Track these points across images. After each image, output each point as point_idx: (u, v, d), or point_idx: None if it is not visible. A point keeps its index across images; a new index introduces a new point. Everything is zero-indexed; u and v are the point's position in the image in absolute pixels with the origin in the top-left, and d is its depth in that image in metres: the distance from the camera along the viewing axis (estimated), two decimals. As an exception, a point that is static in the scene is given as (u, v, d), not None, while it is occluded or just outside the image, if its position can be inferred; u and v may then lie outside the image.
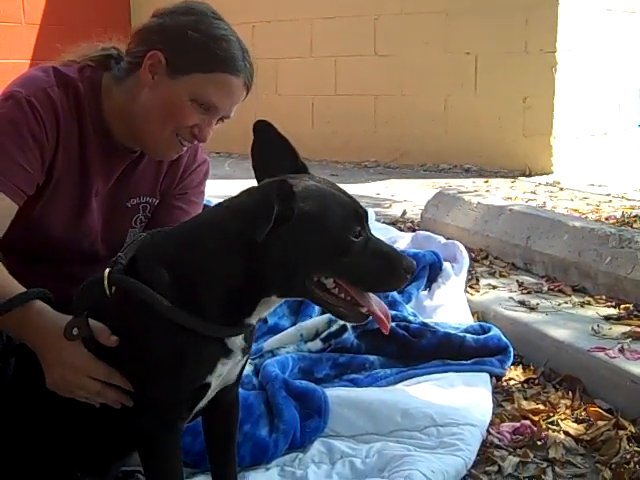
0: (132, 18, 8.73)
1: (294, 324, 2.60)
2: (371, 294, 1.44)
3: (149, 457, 1.47)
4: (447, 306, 2.90)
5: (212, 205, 1.56)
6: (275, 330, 2.56)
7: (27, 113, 1.66)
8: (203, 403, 1.52)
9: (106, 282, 1.42)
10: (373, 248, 1.39)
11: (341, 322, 2.49)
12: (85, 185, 1.80)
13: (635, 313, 2.73)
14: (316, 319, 2.56)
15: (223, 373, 1.47)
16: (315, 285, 1.39)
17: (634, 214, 4.41)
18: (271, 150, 1.51)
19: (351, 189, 1.55)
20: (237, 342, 1.46)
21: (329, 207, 1.37)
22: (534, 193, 5.44)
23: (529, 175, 6.27)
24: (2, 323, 1.47)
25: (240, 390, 1.69)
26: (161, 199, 1.95)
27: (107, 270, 1.43)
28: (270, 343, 2.45)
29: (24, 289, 1.49)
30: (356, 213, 1.39)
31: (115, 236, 1.89)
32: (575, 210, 4.69)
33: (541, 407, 2.24)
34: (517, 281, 3.24)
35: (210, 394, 1.50)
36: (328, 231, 1.36)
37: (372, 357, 2.43)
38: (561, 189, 5.62)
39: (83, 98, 1.76)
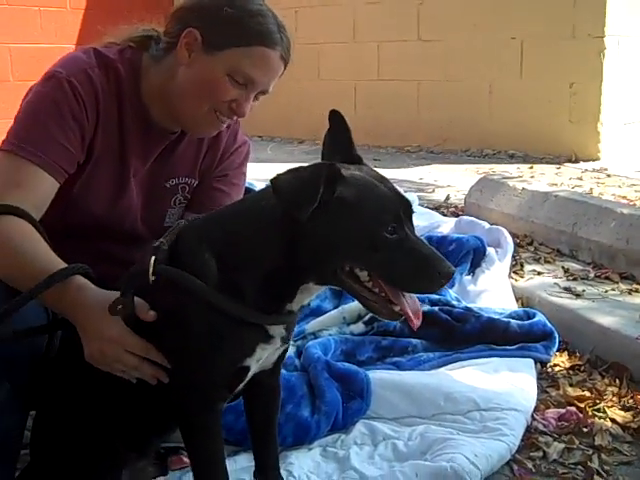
0: (175, 2, 8.79)
1: (337, 307, 2.59)
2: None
3: (190, 436, 1.49)
4: (491, 291, 2.87)
5: (254, 189, 1.56)
6: (318, 312, 2.56)
7: (67, 93, 1.67)
8: (242, 385, 1.53)
9: (151, 270, 1.43)
10: (410, 247, 1.35)
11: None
12: (124, 165, 1.81)
13: (684, 301, 2.68)
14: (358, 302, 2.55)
15: (262, 357, 1.48)
16: (348, 276, 1.37)
17: (683, 201, 4.32)
18: (339, 140, 1.52)
19: (394, 174, 1.54)
20: (278, 328, 1.46)
21: (367, 198, 1.36)
22: (580, 179, 5.36)
23: (575, 161, 6.18)
24: (43, 298, 1.49)
25: (282, 371, 1.69)
26: (201, 180, 1.95)
27: (152, 259, 1.44)
28: (313, 325, 2.45)
29: (65, 264, 1.51)
30: (394, 209, 1.37)
31: (154, 216, 1.90)
32: (623, 197, 4.60)
33: (587, 394, 2.21)
34: (562, 267, 3.19)
35: (249, 376, 1.51)
36: (360, 221, 1.34)
37: (415, 341, 2.42)
38: (608, 176, 5.51)
39: (123, 79, 1.77)
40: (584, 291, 2.86)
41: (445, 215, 4.21)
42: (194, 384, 1.44)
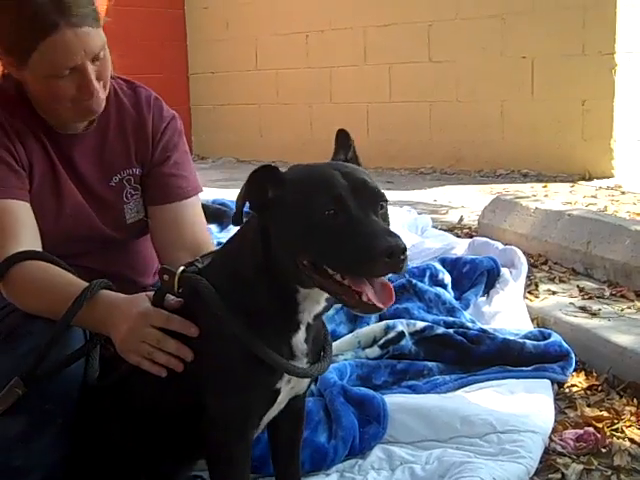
0: (188, 33, 8.88)
1: (351, 331, 2.60)
2: (375, 278, 1.34)
3: (219, 466, 1.49)
4: (506, 312, 2.87)
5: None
6: (332, 337, 2.53)
7: None
8: (274, 412, 1.54)
9: (176, 279, 1.49)
10: (352, 230, 1.28)
11: (399, 329, 2.49)
12: (55, 176, 1.85)
13: (702, 318, 2.66)
14: (373, 326, 2.56)
15: (291, 379, 1.48)
16: (315, 271, 1.33)
17: (699, 217, 4.30)
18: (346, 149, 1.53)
19: (408, 196, 1.55)
20: (299, 345, 1.47)
21: (301, 187, 1.35)
22: (595, 197, 5.34)
23: (589, 179, 6.16)
24: (78, 321, 1.56)
25: (299, 397, 1.70)
26: (148, 171, 1.94)
27: (180, 269, 1.51)
28: (328, 350, 2.45)
29: (82, 282, 1.59)
30: (333, 191, 1.31)
31: (113, 216, 1.93)
32: (638, 214, 4.58)
33: (605, 414, 2.19)
34: (578, 286, 3.18)
35: (281, 402, 1.52)
36: (297, 211, 1.33)
37: (430, 363, 2.42)
38: (622, 193, 5.50)
39: (12, 99, 1.82)
40: (600, 310, 2.84)
41: (459, 236, 4.21)
42: (226, 411, 1.45)
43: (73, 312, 1.53)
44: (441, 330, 2.53)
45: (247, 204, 1.39)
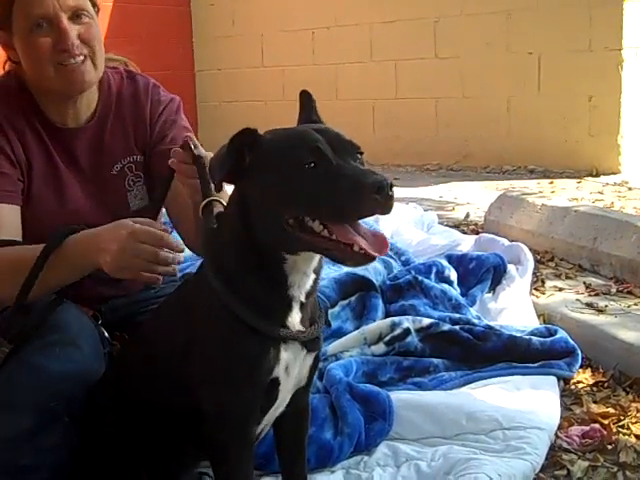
0: (194, 30, 8.89)
1: (357, 328, 2.60)
2: (360, 226, 1.33)
3: (221, 465, 1.48)
4: (512, 309, 2.87)
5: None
6: (338, 334, 2.57)
7: None
8: (277, 410, 1.52)
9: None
10: (336, 175, 1.28)
11: (404, 325, 2.49)
12: (54, 171, 1.87)
13: None
14: (379, 322, 2.56)
15: (289, 366, 1.45)
16: (301, 230, 1.32)
17: None
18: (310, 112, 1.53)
19: (413, 193, 1.55)
20: (294, 319, 1.44)
21: (278, 147, 1.35)
22: (601, 193, 5.33)
23: (596, 175, 6.14)
24: (58, 275, 1.61)
25: (305, 393, 1.70)
26: (149, 154, 1.97)
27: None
28: (334, 346, 2.45)
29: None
30: (310, 144, 1.31)
31: (117, 205, 1.94)
32: (644, 210, 4.58)
33: (611, 410, 2.19)
34: (584, 283, 3.18)
35: (282, 398, 1.50)
36: (276, 169, 1.33)
37: (436, 360, 2.42)
38: (629, 189, 5.48)
39: (13, 92, 1.85)
40: (606, 306, 2.84)
41: (465, 233, 4.21)
42: (227, 407, 1.43)
43: (45, 253, 1.57)
44: (447, 327, 2.53)
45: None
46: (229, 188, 1.45)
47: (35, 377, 1.58)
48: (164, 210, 1.98)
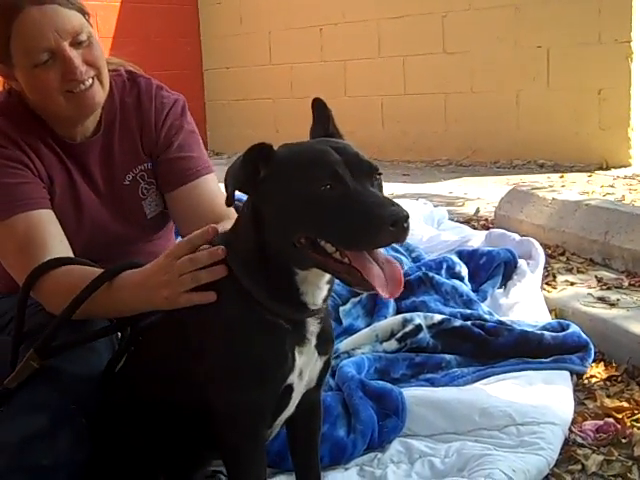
0: (201, 29, 8.90)
1: (369, 325, 2.60)
2: (379, 255, 1.32)
3: (233, 465, 1.49)
4: (523, 304, 2.86)
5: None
6: (350, 331, 2.57)
7: None
8: (289, 412, 1.53)
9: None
10: (351, 201, 1.26)
11: (416, 322, 2.49)
12: (72, 184, 1.86)
13: None
14: (391, 319, 2.56)
15: (302, 371, 1.47)
16: (313, 249, 1.31)
17: None
18: (323, 122, 1.51)
19: (423, 189, 1.54)
20: (309, 327, 1.45)
21: (295, 164, 1.33)
22: (612, 187, 5.31)
23: (606, 169, 6.12)
24: (105, 307, 1.60)
25: (318, 391, 1.70)
26: (157, 160, 1.95)
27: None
28: (346, 344, 2.46)
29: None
30: (328, 166, 1.29)
31: (133, 214, 1.94)
32: (655, 203, 4.56)
33: (625, 405, 2.19)
34: (596, 277, 3.17)
35: (295, 399, 1.51)
36: (291, 188, 1.31)
37: (448, 356, 2.41)
38: (640, 182, 5.47)
39: (21, 112, 1.83)
40: (618, 300, 2.83)
41: (475, 228, 4.20)
42: (237, 406, 1.43)
43: (90, 289, 1.55)
44: (459, 323, 2.52)
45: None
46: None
47: (54, 380, 1.60)
48: None
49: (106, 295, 1.57)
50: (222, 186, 1.42)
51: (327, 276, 1.41)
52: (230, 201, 1.38)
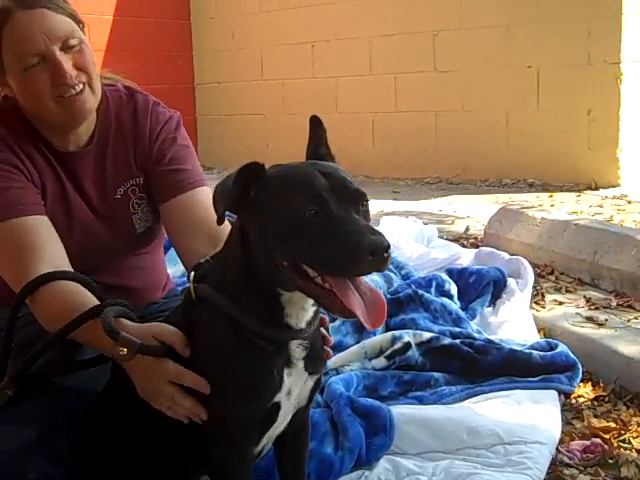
0: (194, 44, 8.92)
1: (358, 342, 2.60)
2: (361, 283, 1.32)
3: (220, 479, 1.49)
4: (512, 322, 2.87)
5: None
6: (339, 348, 2.56)
7: None
8: (278, 429, 1.53)
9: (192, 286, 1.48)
10: (333, 227, 1.26)
11: (405, 339, 2.49)
12: (64, 195, 1.85)
13: None
14: (380, 337, 2.56)
15: (291, 391, 1.47)
16: (295, 273, 1.31)
17: None
18: (317, 141, 1.51)
19: (413, 206, 1.54)
20: (295, 349, 1.45)
21: (282, 187, 1.33)
22: (601, 207, 5.34)
23: (595, 189, 6.15)
24: (84, 339, 1.56)
25: (306, 408, 1.69)
26: (149, 173, 1.93)
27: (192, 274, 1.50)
28: (334, 360, 2.45)
29: (97, 302, 1.56)
30: (312, 191, 1.29)
31: (123, 228, 1.93)
32: (644, 223, 4.58)
33: (612, 425, 2.19)
34: (584, 297, 3.18)
35: (283, 418, 1.51)
36: (276, 210, 1.31)
37: (437, 374, 2.41)
38: (629, 202, 5.49)
39: (16, 119, 1.83)
40: (607, 320, 2.84)
41: (465, 246, 4.21)
42: (226, 423, 1.43)
43: (72, 326, 1.52)
44: (447, 341, 2.53)
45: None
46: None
47: (44, 392, 1.59)
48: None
49: (92, 332, 1.53)
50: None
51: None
52: (221, 221, 1.37)
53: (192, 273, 1.50)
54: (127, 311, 1.54)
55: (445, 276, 3.14)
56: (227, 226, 1.58)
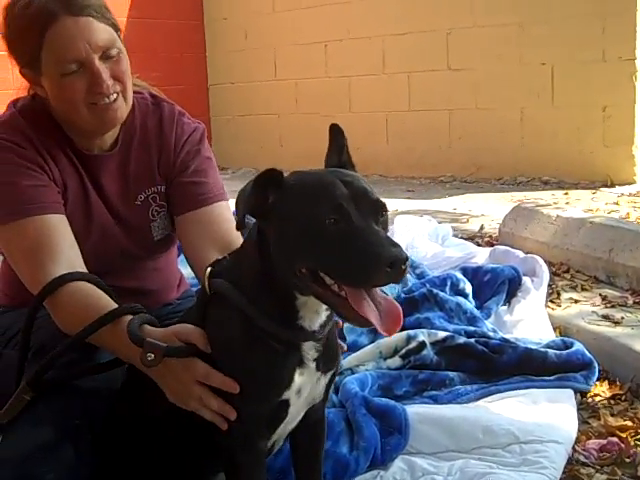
0: (207, 44, 8.94)
1: (373, 341, 2.60)
2: (376, 293, 1.33)
3: (234, 476, 1.50)
4: (527, 321, 2.86)
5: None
6: (354, 347, 2.56)
7: (6, 147, 1.75)
8: (290, 425, 1.53)
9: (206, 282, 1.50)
10: (353, 237, 1.27)
11: (420, 339, 2.49)
12: (85, 196, 1.87)
13: None
14: (394, 336, 2.55)
15: (301, 389, 1.48)
16: (313, 280, 1.33)
17: None
18: (337, 149, 1.52)
19: (428, 205, 1.54)
20: (308, 350, 1.46)
21: (303, 194, 1.34)
22: (616, 204, 5.31)
23: (611, 186, 6.11)
24: (102, 344, 1.57)
25: (321, 407, 1.70)
26: (170, 183, 1.94)
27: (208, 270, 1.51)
28: (349, 360, 2.45)
29: (115, 305, 1.57)
30: (333, 201, 1.30)
31: (140, 235, 1.94)
32: (660, 221, 4.55)
33: (629, 423, 2.18)
34: (600, 295, 3.16)
35: (295, 414, 1.51)
36: (296, 217, 1.32)
37: (452, 373, 2.41)
38: (645, 199, 5.46)
39: (43, 118, 1.84)
40: (623, 318, 2.82)
41: (480, 245, 4.20)
42: (236, 421, 1.44)
43: (89, 331, 1.53)
44: (462, 340, 2.52)
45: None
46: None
47: (62, 394, 1.60)
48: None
49: (110, 336, 1.55)
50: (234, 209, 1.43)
51: None
52: (241, 225, 1.38)
53: (208, 269, 1.51)
54: (151, 318, 1.55)
55: (460, 275, 3.13)
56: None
